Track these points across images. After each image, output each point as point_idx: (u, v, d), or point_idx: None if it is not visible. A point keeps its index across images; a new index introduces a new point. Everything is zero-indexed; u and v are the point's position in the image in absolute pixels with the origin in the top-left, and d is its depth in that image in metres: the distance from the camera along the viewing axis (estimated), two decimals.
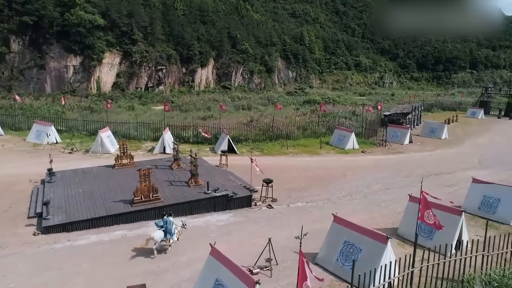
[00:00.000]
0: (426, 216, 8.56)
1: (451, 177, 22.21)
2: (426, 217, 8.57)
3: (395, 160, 25.98)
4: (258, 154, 26.38)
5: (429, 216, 8.57)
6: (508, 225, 15.25)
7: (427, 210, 8.49)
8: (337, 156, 26.57)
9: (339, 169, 23.20)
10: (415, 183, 20.77)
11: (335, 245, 11.50)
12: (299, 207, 16.89)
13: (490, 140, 34.74)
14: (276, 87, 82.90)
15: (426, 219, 8.68)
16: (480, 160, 26.80)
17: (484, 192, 16.40)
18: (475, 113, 52.44)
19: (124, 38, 53.50)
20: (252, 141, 29.23)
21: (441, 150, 29.63)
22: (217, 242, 13.19)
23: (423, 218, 8.70)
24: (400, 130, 31.91)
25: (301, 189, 19.34)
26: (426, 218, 8.60)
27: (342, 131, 29.35)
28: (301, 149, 28.02)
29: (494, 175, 23.08)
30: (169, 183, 16.92)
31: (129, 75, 53.76)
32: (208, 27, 69.83)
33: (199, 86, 64.54)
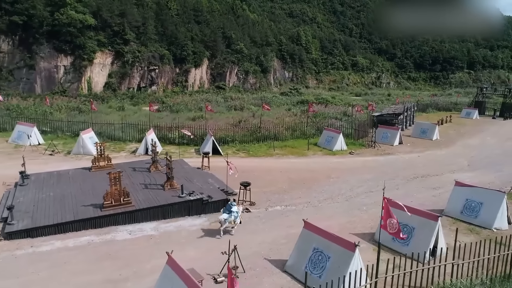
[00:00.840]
0: (389, 225, 8.14)
1: (438, 180, 21.78)
2: (389, 225, 8.15)
3: (382, 161, 25.56)
4: (244, 155, 25.99)
5: (392, 224, 8.15)
6: (490, 229, 14.82)
7: (389, 218, 8.06)
8: (324, 157, 26.16)
9: (324, 171, 22.77)
10: (400, 186, 20.40)
11: (304, 252, 11.08)
12: (277, 211, 16.47)
13: (481, 141, 34.33)
14: (272, 87, 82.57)
15: (388, 228, 8.25)
16: (470, 162, 26.38)
17: (467, 195, 15.98)
18: (469, 114, 52.02)
19: (116, 38, 53.08)
20: (239, 142, 28.80)
21: (430, 152, 29.22)
22: (186, 249, 12.88)
23: (385, 226, 8.28)
24: (390, 131, 31.50)
25: (282, 192, 18.92)
26: (388, 227, 8.18)
27: (330, 132, 28.93)
28: (288, 150, 27.60)
29: (481, 177, 22.68)
30: (145, 186, 16.50)
31: (121, 75, 53.34)
32: (202, 27, 69.42)
33: (193, 86, 64.12)
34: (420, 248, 12.04)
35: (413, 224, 12.71)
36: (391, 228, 8.12)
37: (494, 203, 15.14)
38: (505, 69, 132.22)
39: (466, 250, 11.35)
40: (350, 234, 14.29)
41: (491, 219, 14.94)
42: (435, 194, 19.17)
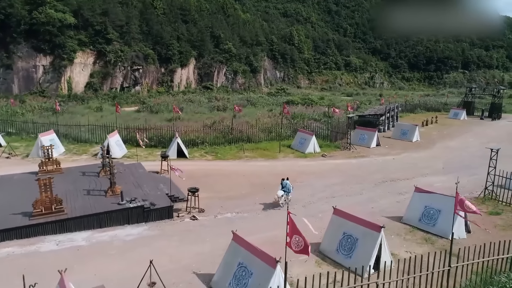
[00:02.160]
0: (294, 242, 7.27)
1: (407, 184, 20.88)
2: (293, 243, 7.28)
3: (354, 164, 24.70)
4: (211, 158, 25.12)
5: (297, 242, 7.29)
6: (447, 239, 13.93)
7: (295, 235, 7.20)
8: (294, 160, 25.29)
9: (290, 174, 21.77)
10: (365, 191, 19.55)
11: (230, 267, 10.22)
12: (226, 219, 15.60)
13: (463, 143, 33.48)
14: (262, 87, 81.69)
15: (293, 246, 7.39)
16: (445, 165, 25.54)
17: (426, 202, 15.13)
18: (457, 114, 51.21)
19: (98, 37, 52.17)
20: (209, 144, 27.92)
21: (407, 154, 28.36)
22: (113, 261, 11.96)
23: (290, 244, 7.41)
24: (367, 132, 30.64)
25: (239, 197, 18.05)
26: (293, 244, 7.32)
27: (304, 134, 28.06)
28: (259, 153, 26.72)
29: (453, 180, 21.50)
30: (87, 192, 15.61)
31: (103, 75, 52.44)
32: (189, 26, 68.53)
33: (179, 86, 63.23)
34: (363, 261, 11.20)
35: (357, 235, 11.86)
36: (296, 246, 7.26)
37: (452, 211, 14.27)
38: (500, 69, 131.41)
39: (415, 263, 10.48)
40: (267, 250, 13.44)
41: (448, 228, 14.01)
42: (400, 199, 18.29)
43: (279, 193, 16.87)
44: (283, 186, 17.05)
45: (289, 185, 17.14)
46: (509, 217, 16.31)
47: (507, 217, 16.30)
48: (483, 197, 18.74)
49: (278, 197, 16.80)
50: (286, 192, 17.03)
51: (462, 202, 9.07)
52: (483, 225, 15.45)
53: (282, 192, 16.90)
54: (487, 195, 18.81)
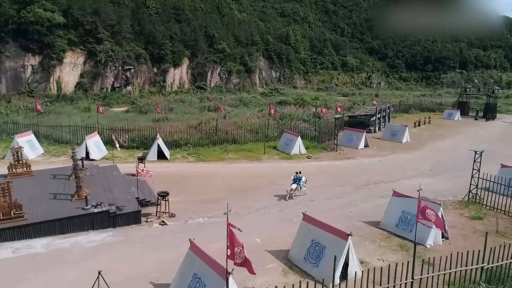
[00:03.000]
0: (236, 255, 6.73)
1: (390, 187, 20.13)
2: (236, 255, 6.74)
3: (339, 166, 24.15)
4: (192, 160, 24.58)
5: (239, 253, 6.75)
6: (423, 246, 13.40)
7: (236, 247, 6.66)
8: (278, 162, 24.74)
9: (272, 177, 21.37)
10: (345, 194, 19.01)
11: (185, 278, 9.68)
12: (197, 224, 15.05)
13: (453, 144, 32.93)
14: (257, 87, 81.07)
15: (236, 259, 6.85)
16: (433, 166, 25.02)
17: (403, 207, 14.57)
18: (451, 115, 50.73)
19: (88, 37, 51.61)
20: (193, 145, 27.38)
21: (395, 155, 27.82)
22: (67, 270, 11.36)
23: (232, 256, 6.87)
24: (355, 133, 30.09)
25: (215, 200, 17.50)
26: (236, 257, 6.78)
27: (289, 135, 27.52)
28: (243, 154, 26.18)
29: (439, 183, 21.32)
30: (53, 197, 15.07)
31: (93, 75, 51.87)
32: (183, 26, 67.96)
33: (172, 86, 62.68)
34: (330, 270, 10.66)
35: (324, 242, 11.32)
36: (239, 258, 6.71)
37: None
38: (498, 69, 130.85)
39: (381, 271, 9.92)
40: (265, 251, 12.94)
41: (425, 234, 13.50)
42: (381, 203, 17.70)
43: (293, 186, 17.99)
44: (296, 179, 18.20)
45: (301, 178, 18.29)
46: (491, 222, 15.77)
47: (489, 222, 15.76)
48: (467, 200, 18.21)
49: (292, 190, 17.94)
50: (299, 185, 18.21)
51: (424, 210, 8.50)
52: (464, 230, 14.95)
53: (295, 185, 18.04)
54: (471, 198, 18.28)
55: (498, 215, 16.61)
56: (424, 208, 8.55)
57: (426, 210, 8.56)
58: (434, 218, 8.52)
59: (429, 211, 8.68)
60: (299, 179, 18.25)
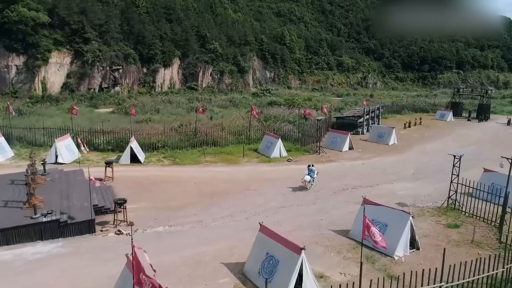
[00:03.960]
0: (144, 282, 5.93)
1: (368, 192, 19.48)
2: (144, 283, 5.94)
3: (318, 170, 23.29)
4: (167, 163, 23.77)
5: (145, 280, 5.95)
6: (391, 257, 12.61)
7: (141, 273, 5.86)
8: (256, 165, 23.93)
9: (246, 181, 20.57)
10: (319, 200, 18.21)
11: None
12: (156, 233, 14.25)
13: (441, 146, 32.08)
14: (250, 87, 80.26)
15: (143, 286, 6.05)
16: (417, 170, 24.23)
17: (373, 215, 13.70)
18: (443, 116, 49.97)
19: (74, 37, 50.78)
20: (171, 148, 26.58)
21: (379, 158, 27.02)
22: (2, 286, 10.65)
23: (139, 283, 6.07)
24: (339, 135, 29.29)
25: (180, 207, 16.71)
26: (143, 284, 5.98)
27: (270, 137, 26.71)
28: (221, 157, 25.37)
29: (420, 188, 20.52)
30: (4, 204, 14.26)
31: (80, 75, 51.06)
32: (174, 25, 67.14)
33: (162, 86, 61.86)
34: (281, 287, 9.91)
35: (279, 256, 10.53)
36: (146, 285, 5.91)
37: (398, 226, 12.98)
38: (495, 69, 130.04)
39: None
40: (221, 264, 12.12)
41: (393, 245, 12.71)
42: (354, 210, 16.84)
43: (307, 178, 18.97)
44: (309, 171, 19.27)
45: (314, 170, 19.46)
46: (468, 230, 14.99)
47: (466, 230, 14.97)
48: (446, 207, 17.42)
49: (306, 182, 19.03)
50: (312, 177, 19.16)
51: (368, 228, 7.69)
52: (437, 240, 14.16)
53: (309, 177, 19.04)
54: (450, 205, 17.50)
55: (477, 222, 15.83)
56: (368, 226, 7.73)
57: (371, 228, 7.75)
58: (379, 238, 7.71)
59: (374, 229, 7.88)
60: (312, 172, 19.31)
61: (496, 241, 13.97)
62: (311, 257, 12.28)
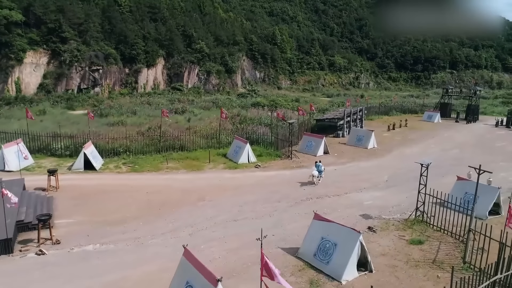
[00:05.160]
0: None
1: (334, 202, 18.19)
2: None
3: (285, 177, 21.93)
4: (125, 170, 22.31)
5: None
6: (339, 282, 11.21)
7: None
8: (220, 172, 22.50)
9: (204, 190, 19.14)
10: (277, 212, 16.80)
11: None
12: (83, 253, 12.79)
13: (422, 149, 30.81)
14: (238, 88, 78.85)
15: None
16: (391, 176, 22.87)
17: (323, 232, 12.42)
18: (431, 117, 48.72)
19: (51, 36, 49.22)
20: (134, 153, 25.13)
21: (354, 163, 25.64)
22: None
23: None
24: (314, 139, 27.93)
25: (121, 221, 15.27)
26: None
27: (239, 141, 25.30)
28: (186, 163, 23.93)
29: (391, 196, 19.15)
30: None
31: (57, 76, 49.50)
32: (158, 25, 65.65)
33: (145, 87, 60.36)
34: None
35: (197, 285, 9.12)
36: None
37: (348, 246, 11.58)
38: (489, 69, 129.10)
39: None
40: None
41: (341, 268, 11.33)
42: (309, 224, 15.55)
43: (315, 173, 19.80)
44: (317, 167, 20.08)
45: (321, 166, 20.34)
46: (432, 247, 13.62)
47: (430, 247, 13.61)
48: (413, 219, 16.07)
49: (314, 177, 19.83)
50: (320, 173, 19.92)
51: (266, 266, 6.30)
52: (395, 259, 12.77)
53: (317, 173, 19.84)
54: (418, 217, 16.15)
55: (444, 238, 14.48)
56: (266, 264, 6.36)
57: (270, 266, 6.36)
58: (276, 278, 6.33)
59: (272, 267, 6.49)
60: (319, 167, 20.18)
61: (460, 260, 12.61)
62: (245, 283, 10.95)
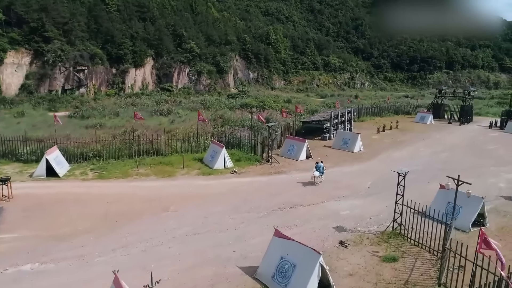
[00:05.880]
0: None
1: (308, 211, 17.00)
2: None
3: (260, 184, 20.70)
4: (92, 177, 21.05)
5: None
6: None
7: None
8: (193, 179, 21.24)
9: (171, 199, 17.90)
10: (244, 224, 15.57)
11: None
12: (17, 274, 11.51)
13: (411, 152, 29.65)
14: (230, 88, 77.60)
15: None
16: (374, 182, 21.71)
17: (283, 251, 11.18)
18: (423, 118, 47.59)
19: (34, 36, 47.93)
20: (105, 158, 23.88)
21: (337, 168, 24.41)
22: None
23: None
24: (296, 143, 26.71)
25: (70, 235, 14.02)
26: None
27: (215, 146, 24.07)
28: (158, 169, 22.68)
29: (369, 206, 17.94)
30: None
31: (40, 76, 48.21)
32: (147, 24, 64.39)
33: (132, 88, 59.08)
34: None
35: None
36: None
37: (307, 267, 10.35)
38: (486, 69, 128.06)
39: None
40: None
41: None
42: None
43: (316, 174, 20.05)
44: (317, 168, 20.18)
45: (322, 167, 20.37)
46: (406, 265, 12.41)
47: (404, 265, 12.39)
48: (390, 231, 14.87)
49: (315, 177, 20.07)
50: (321, 173, 20.10)
51: None
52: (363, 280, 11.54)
53: (318, 173, 20.10)
54: (395, 229, 14.95)
55: (420, 254, 13.29)
56: None
57: None
58: None
59: None
60: (321, 167, 20.25)
61: (435, 281, 11.40)
62: None
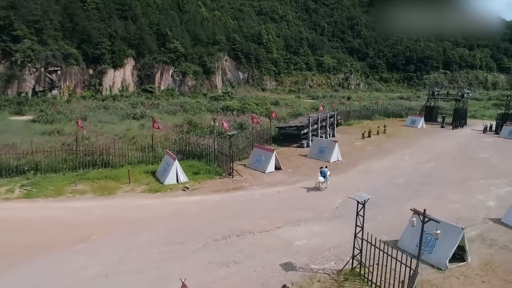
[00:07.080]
0: None
1: (256, 241, 14.23)
2: None
3: (211, 203, 17.92)
4: (17, 195, 18.25)
5: None
6: None
7: None
8: (134, 198, 18.43)
9: (95, 225, 15.13)
10: (171, 261, 12.77)
11: None
12: None
13: (394, 162, 26.89)
14: (218, 89, 74.84)
15: None
16: (345, 200, 18.77)
17: None
18: (414, 122, 44.91)
19: (1, 34, 45.18)
20: (43, 171, 21.13)
21: (306, 183, 21.55)
22: None
23: None
24: (264, 153, 23.92)
25: None
26: None
27: (169, 157, 21.28)
28: (99, 185, 19.89)
29: (331, 233, 15.14)
30: None
31: (8, 77, 45.45)
32: (128, 23, 61.61)
33: (111, 89, 56.31)
34: None
35: None
36: None
37: None
38: (484, 69, 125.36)
39: None
40: None
41: None
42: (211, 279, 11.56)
43: (320, 179, 19.84)
44: (322, 173, 19.91)
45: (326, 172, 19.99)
46: None
47: None
48: (349, 270, 12.12)
49: (320, 183, 19.86)
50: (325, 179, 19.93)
51: None
52: None
53: (322, 179, 19.87)
54: (355, 268, 12.19)
55: None
56: None
57: None
58: None
59: None
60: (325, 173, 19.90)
61: None
62: None
